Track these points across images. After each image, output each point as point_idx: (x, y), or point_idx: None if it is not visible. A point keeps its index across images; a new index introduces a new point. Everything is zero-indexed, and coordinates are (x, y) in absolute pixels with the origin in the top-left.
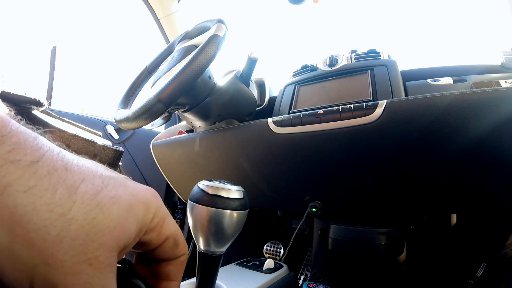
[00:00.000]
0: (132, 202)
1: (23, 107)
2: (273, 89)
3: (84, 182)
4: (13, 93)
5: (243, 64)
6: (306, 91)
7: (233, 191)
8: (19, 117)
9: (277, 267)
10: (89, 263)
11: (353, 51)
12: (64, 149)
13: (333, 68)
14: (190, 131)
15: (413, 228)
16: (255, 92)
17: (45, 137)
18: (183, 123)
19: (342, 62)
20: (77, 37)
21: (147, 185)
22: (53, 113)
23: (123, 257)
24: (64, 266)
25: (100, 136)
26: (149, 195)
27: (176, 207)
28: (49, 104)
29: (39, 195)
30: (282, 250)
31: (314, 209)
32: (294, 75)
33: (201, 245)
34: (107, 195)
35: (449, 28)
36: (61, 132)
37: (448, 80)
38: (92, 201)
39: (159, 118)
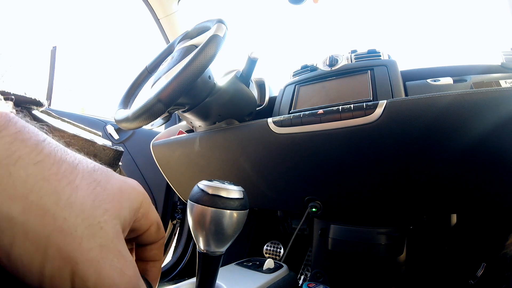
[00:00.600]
0: (122, 186)
1: (23, 107)
2: (273, 89)
3: (80, 163)
4: (13, 93)
5: (243, 64)
6: (306, 91)
7: (233, 191)
8: (21, 114)
9: (277, 267)
10: (100, 226)
11: (353, 51)
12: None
13: (333, 68)
14: (190, 131)
15: (413, 228)
16: (255, 92)
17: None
18: (183, 123)
19: (342, 62)
20: (77, 37)
21: (147, 185)
22: (53, 113)
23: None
24: (77, 230)
25: (100, 136)
26: (136, 184)
27: (176, 207)
28: (49, 104)
29: (47, 167)
30: (282, 250)
31: (314, 209)
32: (294, 75)
33: (201, 245)
34: (100, 175)
35: (449, 28)
36: (61, 132)
37: (448, 80)
38: (90, 176)
39: (159, 118)
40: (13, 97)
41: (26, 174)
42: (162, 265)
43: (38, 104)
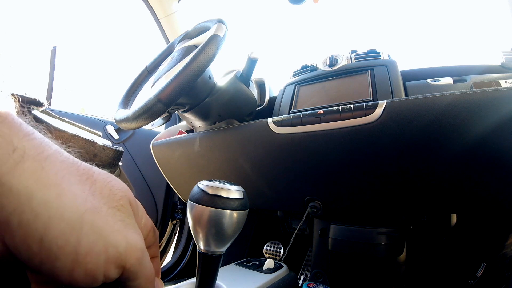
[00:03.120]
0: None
1: (23, 107)
2: (273, 89)
3: (93, 167)
4: (13, 93)
5: (243, 64)
6: (306, 91)
7: (233, 191)
8: (26, 117)
9: (277, 267)
10: (118, 208)
11: (353, 51)
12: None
13: (333, 68)
14: (190, 131)
15: (413, 228)
16: (255, 92)
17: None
18: (183, 123)
19: (342, 62)
20: (77, 37)
21: (147, 185)
22: (53, 113)
23: None
24: (102, 210)
25: (100, 136)
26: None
27: (176, 207)
28: (49, 104)
29: (70, 164)
30: (282, 250)
31: (314, 209)
32: (294, 75)
33: (201, 245)
34: (109, 176)
35: (449, 28)
36: (61, 132)
37: (448, 80)
38: (104, 174)
39: (159, 118)
40: (20, 99)
41: (56, 168)
42: (162, 265)
43: (38, 104)
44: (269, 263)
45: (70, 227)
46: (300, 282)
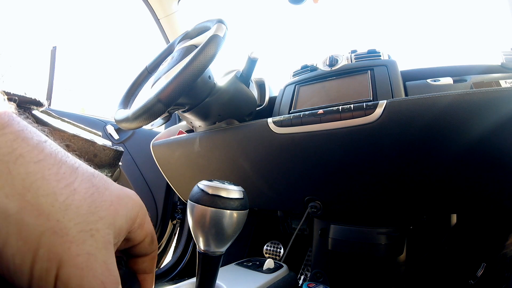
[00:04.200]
0: (120, 194)
1: (23, 107)
2: (273, 89)
3: (80, 166)
4: (13, 93)
5: (243, 64)
6: (306, 91)
7: (233, 191)
8: (23, 116)
9: (277, 267)
10: (91, 234)
11: (353, 51)
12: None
13: (333, 68)
14: (190, 131)
15: (413, 228)
16: (255, 92)
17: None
18: (183, 123)
19: (342, 62)
20: (77, 37)
21: (147, 185)
22: (53, 113)
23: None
24: (69, 233)
25: (100, 136)
26: (133, 194)
27: (176, 207)
28: (49, 104)
29: (47, 167)
30: (282, 250)
31: (314, 209)
32: (294, 75)
33: (201, 245)
34: (100, 181)
35: (449, 28)
36: (61, 132)
37: (448, 80)
38: (89, 181)
39: (159, 118)
40: (16, 98)
41: (26, 172)
42: (162, 265)
43: (38, 104)
44: (269, 263)
45: (27, 246)
46: (300, 282)
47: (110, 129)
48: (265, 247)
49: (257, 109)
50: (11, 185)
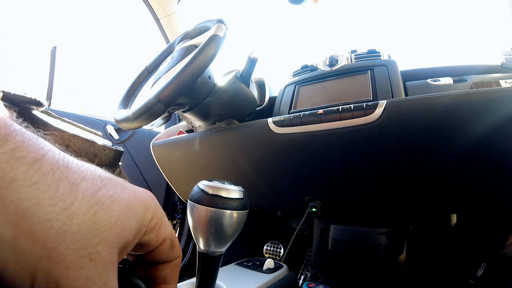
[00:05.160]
0: (131, 201)
1: (23, 107)
2: (273, 89)
3: (84, 180)
4: (13, 93)
5: (243, 64)
6: (306, 91)
7: (233, 191)
8: (21, 119)
9: (277, 267)
10: (90, 258)
11: (353, 51)
12: (64, 150)
13: (333, 68)
14: (190, 131)
15: (413, 228)
16: (255, 92)
17: (46, 139)
18: (183, 123)
19: (342, 62)
20: (77, 37)
21: (147, 185)
22: (53, 113)
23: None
24: (66, 260)
25: (100, 136)
26: (147, 196)
27: (176, 207)
28: (49, 104)
29: (42, 189)
30: (282, 250)
31: (314, 209)
32: (294, 75)
33: (201, 245)
34: (106, 193)
35: (449, 28)
36: (61, 132)
37: (448, 80)
38: (92, 198)
39: (159, 118)
40: (12, 95)
41: (19, 198)
42: None
43: (38, 104)
44: (269, 263)
45: (24, 271)
46: (300, 282)
47: (110, 129)
48: (265, 247)
49: (257, 109)
50: (4, 212)
